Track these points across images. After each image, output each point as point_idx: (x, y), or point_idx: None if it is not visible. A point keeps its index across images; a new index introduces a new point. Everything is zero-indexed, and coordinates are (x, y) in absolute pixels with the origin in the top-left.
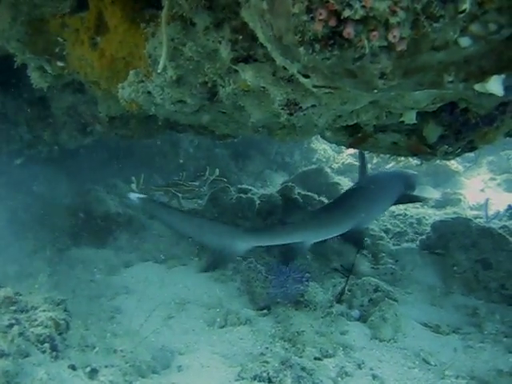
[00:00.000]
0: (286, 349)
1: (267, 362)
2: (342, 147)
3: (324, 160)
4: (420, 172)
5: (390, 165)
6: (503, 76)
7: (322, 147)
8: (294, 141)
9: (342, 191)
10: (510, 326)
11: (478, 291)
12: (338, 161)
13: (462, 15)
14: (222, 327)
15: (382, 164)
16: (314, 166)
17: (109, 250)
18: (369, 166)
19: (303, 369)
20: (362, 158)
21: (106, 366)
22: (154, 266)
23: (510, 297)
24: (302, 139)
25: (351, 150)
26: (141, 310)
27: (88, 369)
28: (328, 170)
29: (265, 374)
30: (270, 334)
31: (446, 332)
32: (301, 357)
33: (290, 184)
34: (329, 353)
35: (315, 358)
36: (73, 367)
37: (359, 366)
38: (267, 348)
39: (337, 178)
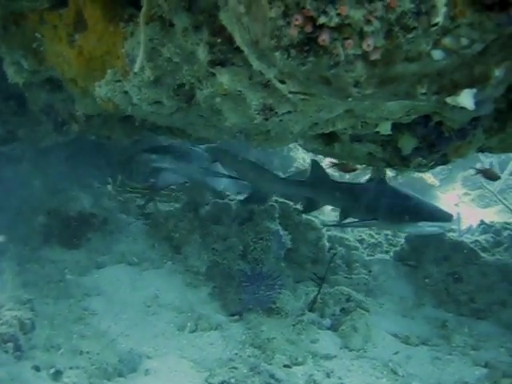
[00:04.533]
0: (256, 355)
1: (236, 368)
2: (321, 156)
3: (303, 169)
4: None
5: (367, 176)
6: (474, 90)
7: (301, 156)
8: (272, 147)
9: None
10: (478, 339)
11: (448, 304)
12: None
13: (434, 28)
14: (193, 332)
15: (361, 175)
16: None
17: (81, 250)
18: (347, 176)
19: (272, 376)
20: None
21: (71, 368)
22: (126, 268)
23: (478, 310)
24: (278, 146)
25: (329, 160)
26: (110, 312)
27: (52, 370)
28: None
29: (233, 380)
30: (240, 340)
31: (415, 343)
32: (270, 364)
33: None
34: (298, 360)
35: (284, 366)
36: (36, 368)
37: (328, 375)
38: (236, 354)
39: None
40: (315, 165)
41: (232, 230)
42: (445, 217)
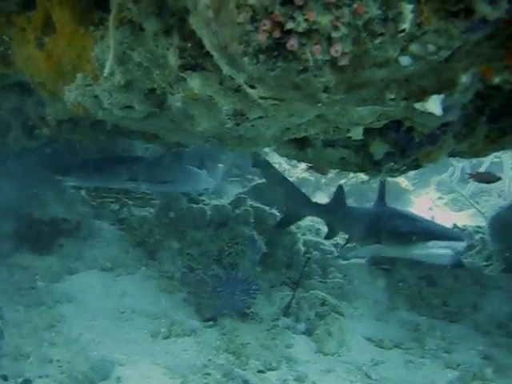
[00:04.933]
0: (230, 361)
1: (209, 374)
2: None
3: None
4: (371, 189)
5: (343, 181)
6: (442, 96)
7: (277, 161)
8: (245, 152)
9: None
10: (450, 342)
11: (422, 307)
12: (292, 175)
13: (402, 34)
14: (166, 338)
15: (336, 179)
16: None
17: (53, 256)
18: (323, 181)
19: (245, 381)
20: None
21: (40, 377)
22: (99, 274)
23: (451, 313)
24: (252, 150)
25: (305, 165)
26: (82, 319)
27: (20, 379)
28: None
29: None
30: (214, 345)
31: (389, 347)
32: (244, 369)
33: (242, 196)
34: (272, 366)
35: (258, 371)
36: (4, 377)
37: (302, 380)
38: (210, 360)
39: None
40: (338, 190)
41: (207, 234)
42: (456, 236)
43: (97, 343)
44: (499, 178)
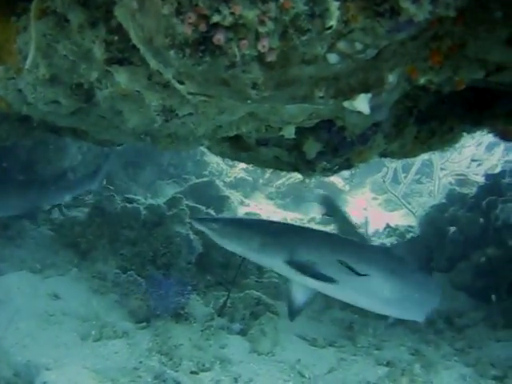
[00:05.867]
0: (163, 362)
1: (140, 377)
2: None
3: (217, 173)
4: (307, 189)
5: (280, 181)
6: (370, 95)
7: (215, 160)
8: (178, 150)
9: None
10: (381, 339)
11: (354, 306)
12: (230, 174)
13: (329, 31)
14: (97, 340)
15: (273, 179)
16: (205, 179)
17: None
18: (261, 181)
19: (178, 383)
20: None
21: None
22: (28, 275)
23: None
24: (185, 148)
25: (243, 165)
26: (8, 322)
27: None
28: (219, 183)
29: None
30: (146, 347)
31: (323, 345)
32: (177, 371)
33: (178, 195)
34: (206, 366)
35: (191, 372)
36: None
37: (235, 380)
38: (141, 362)
39: (228, 192)
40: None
41: (141, 234)
42: None
43: (21, 347)
44: None
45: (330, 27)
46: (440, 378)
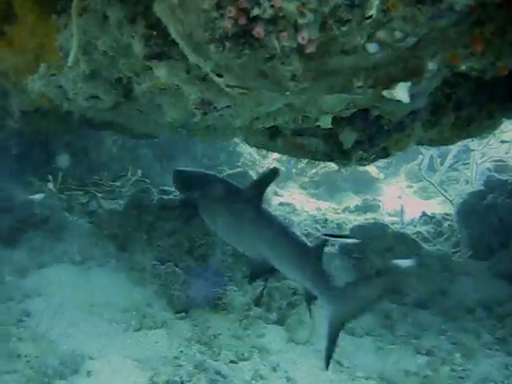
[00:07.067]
0: (202, 352)
1: (181, 366)
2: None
3: (250, 164)
4: (341, 178)
5: (314, 170)
6: (409, 83)
7: (247, 151)
8: (215, 142)
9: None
10: (420, 328)
11: (392, 294)
12: (263, 165)
13: (368, 21)
14: (137, 330)
15: (307, 169)
16: (238, 170)
17: (21, 250)
18: (294, 171)
19: (218, 372)
20: None
21: (8, 372)
22: (69, 267)
23: (420, 300)
24: (221, 140)
25: (276, 155)
26: (51, 313)
27: None
28: (252, 174)
29: (177, 378)
30: (186, 337)
31: (360, 334)
32: (216, 360)
33: None
34: (244, 356)
35: (230, 362)
36: None
37: (274, 369)
38: (182, 351)
39: None
40: None
41: (177, 226)
42: None
43: (66, 337)
44: None
45: (370, 17)
46: (481, 367)
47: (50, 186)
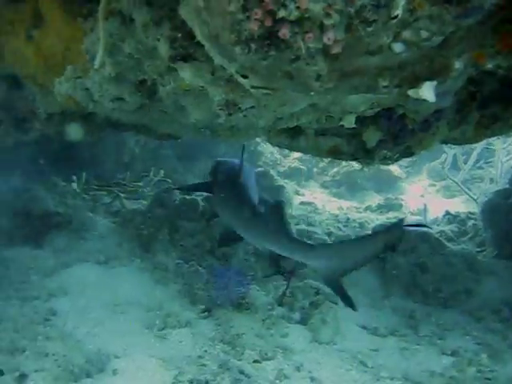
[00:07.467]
0: (226, 352)
1: (205, 365)
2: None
3: (271, 163)
4: (363, 177)
5: (335, 169)
6: (435, 82)
7: (269, 150)
8: (238, 142)
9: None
10: (444, 328)
11: (416, 294)
12: (284, 164)
13: (394, 21)
14: (161, 330)
15: (328, 168)
16: (260, 169)
17: (46, 250)
18: (315, 170)
19: (241, 372)
20: None
21: (37, 371)
22: (93, 266)
23: (445, 300)
24: (244, 140)
25: (297, 154)
26: (77, 312)
27: (17, 374)
28: (273, 173)
29: (202, 378)
30: (209, 336)
31: (384, 334)
32: (240, 360)
33: None
34: (268, 355)
35: (254, 361)
36: (0, 372)
37: (298, 369)
38: (206, 351)
39: (282, 182)
40: None
41: (200, 226)
42: None
43: (92, 336)
44: None
45: (396, 16)
46: (509, 368)
47: (74, 186)
